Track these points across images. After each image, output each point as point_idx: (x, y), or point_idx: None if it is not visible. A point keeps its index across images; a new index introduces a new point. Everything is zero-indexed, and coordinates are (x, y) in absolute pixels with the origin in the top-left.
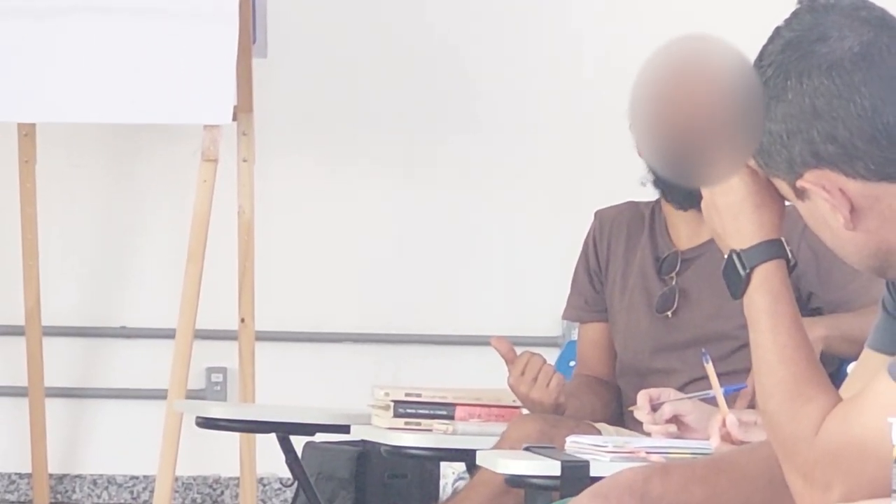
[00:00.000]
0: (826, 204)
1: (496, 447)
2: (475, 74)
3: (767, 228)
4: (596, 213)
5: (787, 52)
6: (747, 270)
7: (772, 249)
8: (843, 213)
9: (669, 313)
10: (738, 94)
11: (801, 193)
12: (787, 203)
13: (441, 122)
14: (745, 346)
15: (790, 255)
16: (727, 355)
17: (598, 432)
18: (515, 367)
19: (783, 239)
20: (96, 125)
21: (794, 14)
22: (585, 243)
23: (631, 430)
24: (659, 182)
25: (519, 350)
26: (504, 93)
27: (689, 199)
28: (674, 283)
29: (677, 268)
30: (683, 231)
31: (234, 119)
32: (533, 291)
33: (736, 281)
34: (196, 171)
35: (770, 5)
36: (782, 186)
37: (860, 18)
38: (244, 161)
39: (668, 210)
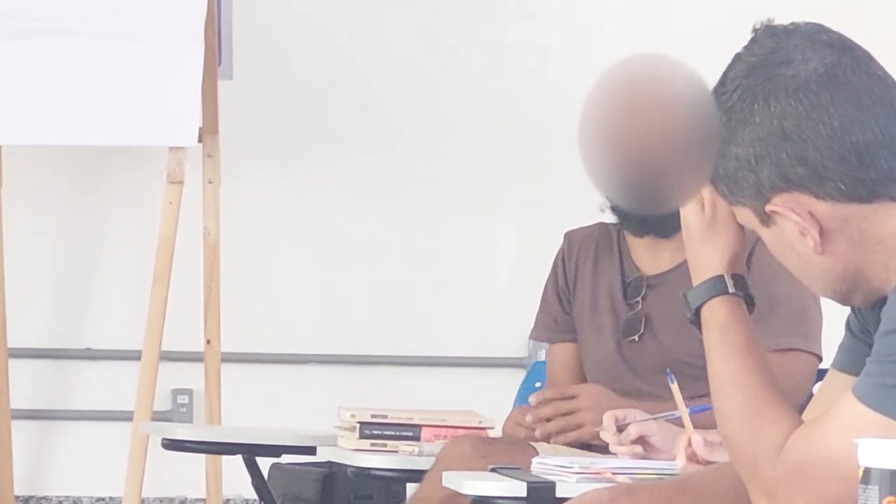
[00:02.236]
0: (795, 228)
1: (434, 468)
2: (443, 93)
3: (714, 264)
4: (565, 235)
5: (752, 77)
6: (692, 312)
7: (713, 287)
8: (812, 235)
9: (636, 337)
10: (692, 116)
11: (766, 219)
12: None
13: (407, 143)
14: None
15: (730, 287)
16: (691, 382)
17: (535, 452)
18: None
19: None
20: (62, 147)
21: (754, 39)
22: (555, 264)
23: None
24: (614, 209)
25: (485, 370)
26: (472, 112)
27: (643, 227)
28: (639, 307)
29: (643, 292)
30: (644, 257)
31: (200, 141)
32: (499, 313)
33: (693, 319)
34: (161, 192)
35: (722, 25)
36: (745, 214)
37: (821, 42)
38: (209, 183)
39: (628, 235)
